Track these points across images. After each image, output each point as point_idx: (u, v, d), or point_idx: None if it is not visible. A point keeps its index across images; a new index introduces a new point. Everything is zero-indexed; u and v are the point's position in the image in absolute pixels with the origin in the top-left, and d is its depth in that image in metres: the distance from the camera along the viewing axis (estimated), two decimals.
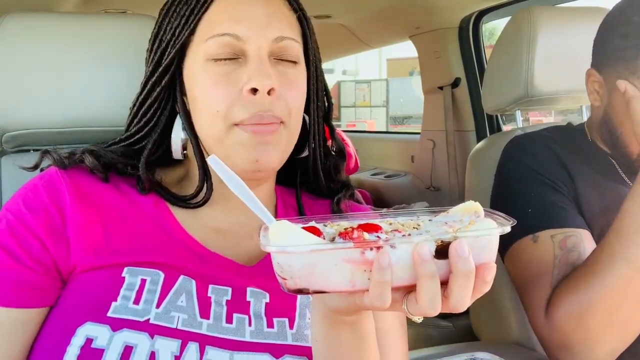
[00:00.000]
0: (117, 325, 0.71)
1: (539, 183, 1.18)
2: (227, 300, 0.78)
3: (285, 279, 0.57)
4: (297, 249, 0.55)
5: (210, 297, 0.77)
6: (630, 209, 1.00)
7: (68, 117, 1.04)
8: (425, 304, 0.56)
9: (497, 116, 2.47)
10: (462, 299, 0.56)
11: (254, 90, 0.77)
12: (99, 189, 0.83)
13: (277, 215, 0.90)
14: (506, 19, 1.58)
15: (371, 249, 0.55)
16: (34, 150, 1.08)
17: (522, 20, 1.44)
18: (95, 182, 0.83)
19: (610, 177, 1.21)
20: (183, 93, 0.84)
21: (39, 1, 1.94)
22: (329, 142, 0.97)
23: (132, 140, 0.87)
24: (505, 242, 1.18)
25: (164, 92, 0.84)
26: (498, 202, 1.29)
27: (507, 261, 1.20)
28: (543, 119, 4.57)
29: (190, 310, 0.75)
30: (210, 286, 0.79)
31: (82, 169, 0.83)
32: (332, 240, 0.58)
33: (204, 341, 0.73)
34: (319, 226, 0.61)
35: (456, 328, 2.04)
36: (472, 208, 0.64)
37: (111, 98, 1.05)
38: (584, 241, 1.11)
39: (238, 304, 0.78)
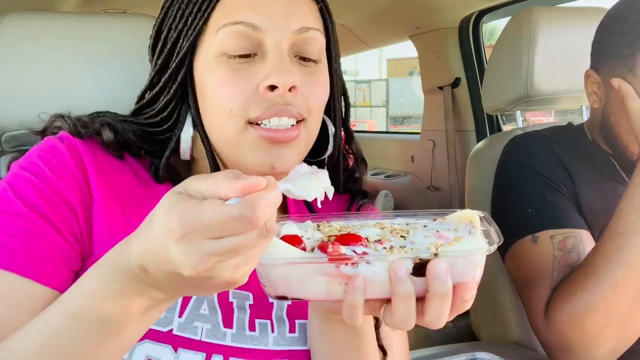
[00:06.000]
0: None
1: (539, 183, 1.18)
2: (250, 305, 0.74)
3: (265, 286, 0.59)
4: (271, 261, 0.56)
5: (232, 303, 0.74)
6: (625, 209, 1.01)
7: None
8: (399, 321, 0.56)
9: (497, 116, 2.47)
10: (438, 318, 0.55)
11: (272, 88, 0.69)
12: (115, 167, 0.74)
13: (288, 210, 0.85)
14: (506, 19, 1.58)
15: (346, 263, 0.55)
16: None
17: (522, 20, 1.44)
18: (112, 159, 0.75)
19: (610, 177, 1.21)
20: (193, 88, 0.76)
21: (39, 1, 1.94)
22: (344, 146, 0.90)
23: (155, 130, 0.78)
24: (506, 242, 1.18)
25: (179, 91, 0.76)
26: (498, 202, 1.29)
27: (507, 261, 1.20)
28: (543, 119, 4.56)
29: (214, 319, 0.71)
30: (231, 291, 0.74)
31: (96, 142, 0.74)
32: (313, 250, 0.58)
33: (228, 353, 0.70)
34: (303, 232, 0.62)
35: (456, 328, 2.04)
36: (468, 217, 0.64)
37: (111, 98, 1.05)
38: (583, 242, 1.10)
39: (261, 308, 0.74)
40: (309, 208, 0.88)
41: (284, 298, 0.58)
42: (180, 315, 0.69)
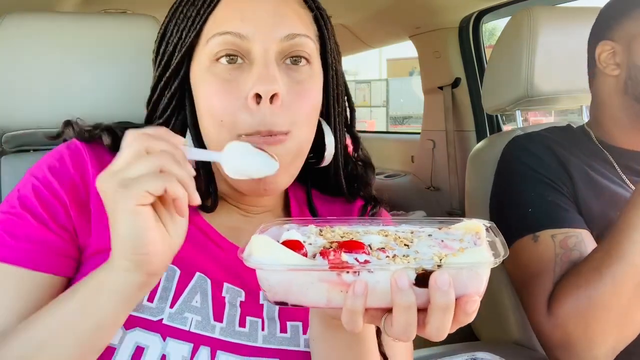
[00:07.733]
0: (129, 322, 0.68)
1: (539, 183, 1.18)
2: (241, 302, 0.76)
3: (265, 291, 0.58)
4: (272, 267, 0.56)
5: (224, 297, 0.75)
6: (627, 208, 1.01)
7: (68, 117, 1.03)
8: (399, 332, 0.55)
9: (497, 116, 2.47)
10: (439, 330, 0.55)
11: (258, 97, 0.70)
12: None
13: (291, 214, 0.87)
14: (506, 19, 1.59)
15: (347, 271, 0.54)
16: (33, 150, 1.08)
17: (522, 20, 1.44)
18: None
19: (609, 178, 1.21)
20: (191, 100, 0.79)
21: (39, 1, 1.94)
22: (350, 151, 0.92)
23: None
24: (506, 242, 1.18)
25: (175, 99, 0.79)
26: (498, 202, 1.29)
27: (506, 260, 1.20)
28: (543, 119, 4.56)
29: (204, 312, 0.73)
30: (225, 285, 0.76)
31: (103, 145, 0.80)
32: (314, 256, 0.58)
33: (216, 346, 0.71)
34: (305, 237, 0.62)
35: None
36: (474, 228, 0.63)
37: (111, 98, 1.05)
38: (584, 241, 1.11)
39: (252, 306, 0.76)
40: (311, 211, 0.87)
41: (284, 304, 0.58)
42: (171, 306, 0.72)
